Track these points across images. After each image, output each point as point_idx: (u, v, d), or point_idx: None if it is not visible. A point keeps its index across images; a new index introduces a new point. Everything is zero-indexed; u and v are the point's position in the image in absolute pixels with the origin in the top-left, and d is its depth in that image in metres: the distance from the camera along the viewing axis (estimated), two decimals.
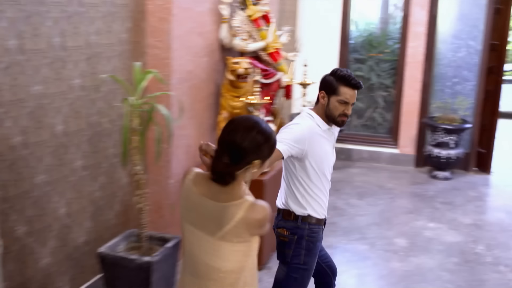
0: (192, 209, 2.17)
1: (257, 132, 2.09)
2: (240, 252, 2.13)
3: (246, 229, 2.08)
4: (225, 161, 2.05)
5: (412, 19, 7.41)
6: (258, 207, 2.09)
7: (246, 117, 2.18)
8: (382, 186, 6.93)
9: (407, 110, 7.62)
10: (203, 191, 2.14)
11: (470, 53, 7.43)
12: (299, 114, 3.09)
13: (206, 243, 2.13)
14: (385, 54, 7.99)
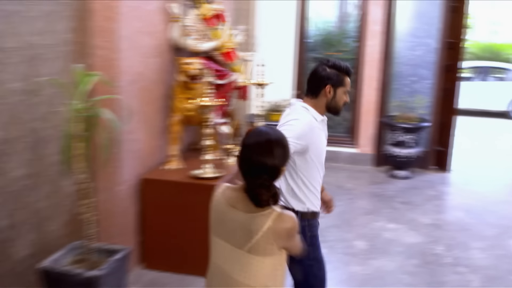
0: (221, 221, 2.19)
1: (281, 147, 2.13)
2: (268, 267, 2.13)
3: (274, 240, 2.08)
4: (261, 181, 2.07)
5: (370, 17, 7.35)
6: (285, 217, 2.10)
7: (261, 134, 2.15)
8: (341, 186, 6.84)
9: (366, 109, 7.55)
10: (232, 202, 2.16)
11: (427, 51, 7.40)
12: (291, 108, 3.00)
13: (234, 256, 2.14)
14: (343, 53, 7.91)
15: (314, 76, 2.97)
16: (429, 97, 7.45)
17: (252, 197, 2.08)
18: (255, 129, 2.22)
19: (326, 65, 2.94)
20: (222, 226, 2.19)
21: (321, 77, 2.93)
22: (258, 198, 2.07)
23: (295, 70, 7.71)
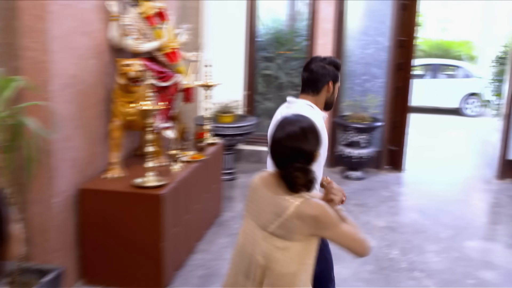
0: (254, 200, 2.25)
1: (313, 132, 2.18)
2: (293, 253, 2.12)
3: (300, 226, 2.08)
4: (300, 166, 2.11)
5: (320, 15, 7.19)
6: (312, 203, 2.09)
7: (293, 122, 2.19)
8: None
9: None
10: (266, 184, 2.21)
11: (378, 49, 7.29)
12: (293, 106, 2.96)
13: (258, 236, 2.17)
14: (294, 51, 7.74)
15: (315, 73, 2.97)
16: (382, 96, 7.35)
17: (289, 182, 2.12)
18: (284, 118, 2.24)
19: (323, 62, 2.98)
20: (253, 205, 2.24)
21: (323, 74, 2.96)
22: (294, 182, 2.10)
23: (246, 70, 7.48)
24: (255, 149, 7.61)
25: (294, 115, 2.28)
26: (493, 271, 4.66)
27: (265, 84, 7.75)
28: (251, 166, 7.46)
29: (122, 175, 4.27)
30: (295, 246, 2.12)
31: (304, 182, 2.10)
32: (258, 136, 7.57)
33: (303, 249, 2.14)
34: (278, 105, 7.71)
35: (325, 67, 2.97)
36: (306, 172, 2.11)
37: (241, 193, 6.53)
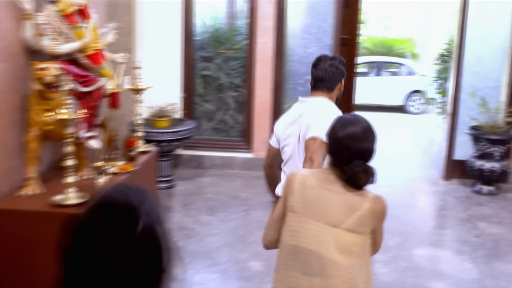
0: (315, 202, 2.24)
1: (372, 130, 2.27)
2: (359, 245, 2.21)
3: (370, 220, 2.21)
4: (361, 164, 2.19)
5: (260, 13, 6.86)
6: (380, 199, 2.26)
7: (353, 122, 2.26)
8: (236, 196, 6.31)
9: (259, 111, 7.07)
10: (324, 184, 2.25)
11: (321, 48, 7.02)
12: (316, 103, 3.07)
13: (329, 234, 2.19)
14: (234, 51, 7.39)
15: (329, 72, 3.10)
16: None
17: (352, 180, 2.20)
18: (342, 119, 2.33)
19: (335, 61, 3.16)
20: (314, 207, 2.25)
21: (336, 73, 3.13)
22: (358, 182, 2.20)
23: (183, 71, 7.07)
24: (195, 154, 7.23)
25: (351, 115, 2.39)
26: (443, 281, 4.45)
27: (204, 86, 7.36)
28: (191, 172, 7.08)
29: (40, 192, 3.82)
30: (364, 240, 2.24)
31: (367, 179, 2.21)
32: (197, 140, 7.20)
33: (367, 242, 2.27)
34: (218, 107, 7.41)
35: (337, 66, 3.14)
36: (368, 170, 2.21)
37: (180, 202, 6.15)
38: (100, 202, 1.19)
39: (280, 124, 3.16)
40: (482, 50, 6.96)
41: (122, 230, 1.14)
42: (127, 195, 1.20)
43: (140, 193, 1.23)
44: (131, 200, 1.19)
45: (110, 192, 1.23)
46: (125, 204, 1.18)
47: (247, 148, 7.22)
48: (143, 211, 1.18)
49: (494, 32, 6.92)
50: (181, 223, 5.44)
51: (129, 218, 1.16)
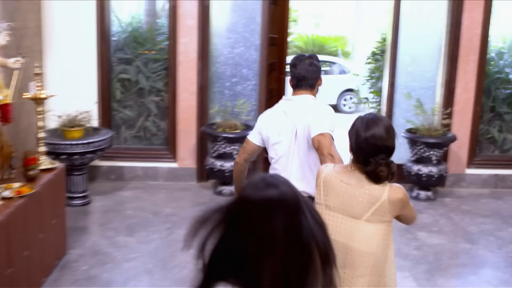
0: (337, 195, 2.43)
1: (392, 128, 2.44)
2: (382, 232, 2.38)
3: (390, 209, 2.37)
4: (383, 160, 2.35)
5: (181, 10, 6.31)
6: (396, 188, 2.41)
7: (376, 121, 2.42)
8: (158, 212, 5.74)
9: (184, 117, 6.53)
10: (344, 179, 2.44)
11: (248, 48, 6.55)
12: (316, 101, 3.24)
13: (352, 226, 2.37)
14: (155, 52, 6.80)
15: (309, 72, 3.21)
16: (254, 100, 6.62)
17: (374, 174, 2.34)
18: (364, 119, 2.44)
19: (313, 60, 3.26)
20: (335, 199, 2.43)
21: (316, 70, 3.25)
22: (379, 175, 2.33)
23: (99, 75, 6.41)
24: (114, 165, 6.61)
25: (372, 114, 2.50)
26: None
27: (123, 90, 6.74)
28: (110, 185, 6.45)
29: None
30: (386, 228, 2.39)
31: (388, 172, 2.35)
32: (117, 150, 6.58)
33: (389, 230, 2.42)
34: (139, 113, 6.79)
35: (316, 65, 3.26)
36: (390, 164, 2.35)
37: (95, 221, 5.53)
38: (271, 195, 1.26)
39: (266, 123, 3.24)
40: (417, 49, 6.66)
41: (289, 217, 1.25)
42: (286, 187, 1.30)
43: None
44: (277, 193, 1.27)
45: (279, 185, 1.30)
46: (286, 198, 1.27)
47: (171, 157, 6.65)
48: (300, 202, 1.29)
49: (428, 31, 6.63)
50: (95, 247, 4.84)
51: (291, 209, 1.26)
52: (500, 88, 6.97)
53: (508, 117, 7.01)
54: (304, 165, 3.11)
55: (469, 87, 6.56)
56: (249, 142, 3.31)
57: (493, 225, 5.63)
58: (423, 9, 6.56)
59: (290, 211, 1.25)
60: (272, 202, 1.25)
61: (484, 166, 6.77)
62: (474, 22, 6.44)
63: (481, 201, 6.38)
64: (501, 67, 6.99)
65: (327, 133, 2.99)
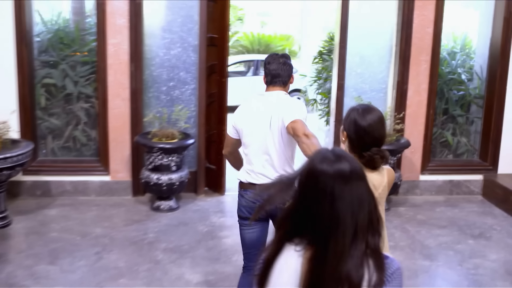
0: None
1: (384, 119, 2.67)
2: (382, 212, 2.40)
3: (388, 190, 2.62)
4: (380, 153, 2.55)
5: (110, 8, 5.72)
6: (389, 170, 2.67)
7: (371, 111, 2.63)
8: (87, 233, 5.13)
9: (116, 125, 5.93)
10: None
11: (185, 49, 6.01)
12: (288, 96, 3.37)
13: None
14: (82, 54, 6.17)
15: (283, 69, 3.35)
16: (194, 105, 6.08)
17: (369, 164, 2.53)
18: (359, 109, 2.63)
19: (285, 58, 3.41)
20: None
21: (289, 68, 3.39)
22: (375, 165, 2.55)
23: (18, 80, 5.73)
24: (39, 180, 5.95)
25: (365, 105, 2.71)
26: None
27: (48, 97, 6.08)
28: (34, 203, 5.80)
29: None
30: (382, 207, 2.55)
31: (382, 161, 2.57)
32: (42, 163, 5.96)
33: (382, 209, 2.57)
34: (66, 122, 6.10)
35: (289, 64, 3.41)
36: (384, 155, 2.55)
37: (13, 247, 4.91)
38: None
39: (240, 117, 3.37)
40: (366, 49, 6.25)
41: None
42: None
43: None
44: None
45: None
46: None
47: (103, 169, 6.04)
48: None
49: (379, 29, 6.24)
50: (10, 279, 4.21)
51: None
52: (453, 90, 6.65)
53: (461, 119, 6.70)
54: (281, 157, 3.27)
55: (421, 89, 6.19)
56: (228, 137, 3.52)
57: (451, 237, 5.27)
58: (373, 6, 6.16)
59: (359, 179, 1.52)
60: (345, 173, 1.50)
61: (438, 172, 6.42)
62: (425, 20, 6.08)
63: (437, 209, 6.03)
64: (453, 67, 6.66)
65: (299, 119, 3.11)
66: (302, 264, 1.52)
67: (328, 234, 1.47)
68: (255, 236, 3.36)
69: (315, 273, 1.48)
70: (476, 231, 5.45)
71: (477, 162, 6.62)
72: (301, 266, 1.52)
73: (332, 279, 1.45)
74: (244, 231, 3.42)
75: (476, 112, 6.77)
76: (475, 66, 6.78)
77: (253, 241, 3.36)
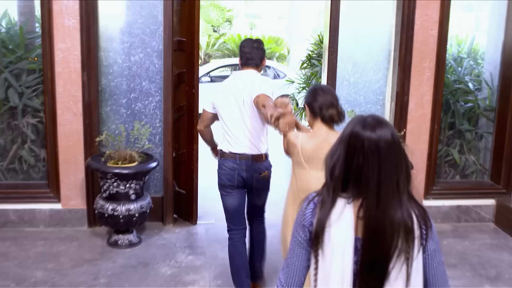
0: (316, 155, 3.06)
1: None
2: None
3: None
4: (337, 110, 3.16)
5: (57, 6, 4.83)
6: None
7: (326, 87, 3.40)
8: (25, 279, 4.22)
9: (67, 144, 5.05)
10: (315, 138, 3.12)
11: (148, 55, 5.13)
12: (259, 75, 3.81)
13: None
14: (29, 61, 5.29)
15: (255, 53, 3.79)
16: (159, 120, 5.20)
17: (330, 120, 3.15)
18: (316, 87, 3.25)
19: (258, 43, 3.84)
20: (317, 158, 3.02)
21: (261, 52, 3.84)
22: (334, 120, 3.16)
23: None
24: None
25: (321, 85, 3.76)
26: None
27: None
28: None
29: None
30: None
31: (339, 117, 3.18)
32: None
33: None
34: (12, 139, 5.03)
35: (262, 48, 3.85)
36: (340, 112, 3.17)
37: None
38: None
39: (218, 95, 3.80)
40: (360, 54, 5.39)
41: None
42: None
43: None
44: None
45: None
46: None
47: (53, 196, 5.14)
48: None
49: (374, 31, 5.38)
50: None
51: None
52: (460, 101, 5.80)
53: (469, 135, 5.84)
54: (255, 128, 3.67)
55: (424, 101, 5.33)
56: (205, 111, 3.91)
57: (463, 280, 4.40)
58: (367, 4, 5.31)
59: (398, 141, 1.76)
60: (388, 136, 1.74)
61: (444, 196, 5.55)
62: (429, 20, 5.22)
63: (444, 241, 5.16)
64: (460, 75, 5.81)
65: (261, 94, 3.49)
66: (355, 214, 1.74)
67: (376, 187, 1.70)
68: (236, 202, 3.81)
69: (372, 220, 1.70)
70: (492, 271, 4.59)
71: (488, 184, 5.75)
72: (354, 216, 1.74)
73: (389, 225, 1.68)
74: (225, 197, 3.83)
75: (486, 126, 5.90)
76: (484, 73, 5.94)
77: (234, 206, 3.82)
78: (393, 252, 1.67)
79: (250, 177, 3.71)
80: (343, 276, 1.70)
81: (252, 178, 3.72)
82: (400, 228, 1.67)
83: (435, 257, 1.76)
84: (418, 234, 1.71)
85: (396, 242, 1.67)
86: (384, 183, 1.69)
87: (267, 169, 3.77)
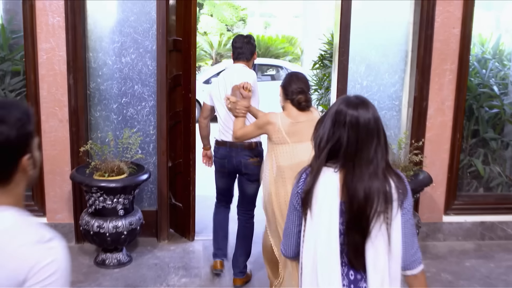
0: (296, 133, 3.39)
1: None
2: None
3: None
4: (304, 96, 3.47)
5: (41, 3, 4.41)
6: (315, 108, 3.71)
7: (299, 74, 3.67)
8: None
9: (52, 153, 4.66)
10: (293, 119, 3.43)
11: (141, 56, 4.70)
12: (246, 68, 4.17)
13: (309, 147, 2.39)
14: (14, 62, 4.89)
15: (246, 48, 4.14)
16: (153, 127, 4.77)
17: (300, 105, 3.45)
18: (291, 75, 3.59)
19: (249, 39, 4.22)
20: (294, 134, 3.39)
21: (252, 47, 4.20)
22: (304, 104, 3.46)
23: None
24: None
25: (295, 72, 3.68)
26: None
27: None
28: None
29: None
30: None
31: (307, 102, 3.48)
32: None
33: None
34: None
35: (252, 43, 4.21)
36: (307, 98, 3.49)
37: None
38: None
39: (213, 87, 4.19)
40: (374, 55, 4.91)
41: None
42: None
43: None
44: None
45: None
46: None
47: (37, 209, 4.73)
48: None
49: (390, 30, 4.90)
50: None
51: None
52: (484, 106, 5.29)
53: (494, 144, 5.33)
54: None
55: (445, 107, 4.83)
56: (205, 104, 4.24)
57: None
58: (381, 1, 4.83)
59: (377, 117, 1.98)
60: (367, 113, 1.95)
61: (466, 212, 5.04)
62: (451, 18, 4.72)
63: (466, 263, 4.66)
64: (484, 78, 5.30)
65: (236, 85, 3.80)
66: (340, 180, 1.97)
67: (353, 157, 1.93)
68: (226, 182, 4.21)
69: (349, 186, 1.92)
70: None
71: None
72: (340, 182, 1.97)
73: (365, 190, 1.90)
74: (217, 178, 4.25)
75: None
76: (511, 75, 5.42)
77: (223, 185, 4.24)
78: (370, 213, 1.88)
79: (239, 163, 3.99)
80: (330, 234, 1.92)
81: (241, 164, 3.99)
82: (377, 193, 1.89)
83: (407, 214, 1.99)
84: (396, 197, 1.92)
85: (372, 204, 1.88)
86: (360, 153, 1.92)
87: (256, 156, 3.99)
